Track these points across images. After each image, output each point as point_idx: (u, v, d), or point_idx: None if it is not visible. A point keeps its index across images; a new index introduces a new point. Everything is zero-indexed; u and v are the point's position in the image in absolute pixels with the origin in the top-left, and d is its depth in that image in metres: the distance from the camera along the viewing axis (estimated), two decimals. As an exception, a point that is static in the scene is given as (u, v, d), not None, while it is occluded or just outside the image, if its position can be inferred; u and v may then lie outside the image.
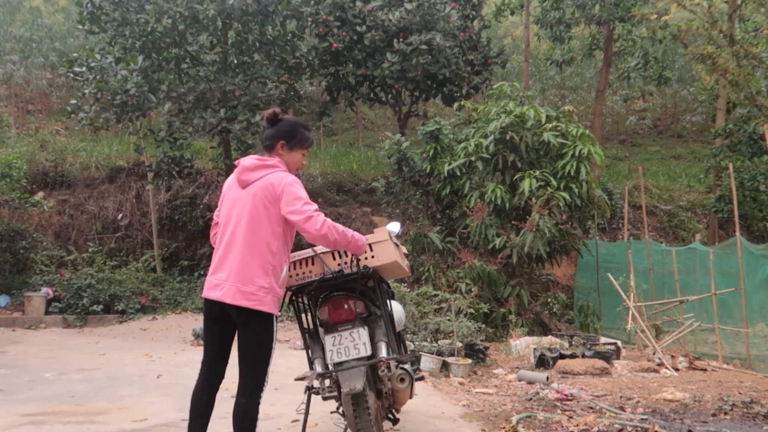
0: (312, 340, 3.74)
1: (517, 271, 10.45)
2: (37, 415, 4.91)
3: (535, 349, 7.83)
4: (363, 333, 3.52)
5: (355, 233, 3.38)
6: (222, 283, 3.22)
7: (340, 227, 3.27)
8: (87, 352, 8.44)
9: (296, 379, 4.62)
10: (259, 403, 3.23)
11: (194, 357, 8.19)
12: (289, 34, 12.62)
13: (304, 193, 3.25)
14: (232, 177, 3.42)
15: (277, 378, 6.29)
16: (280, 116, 3.45)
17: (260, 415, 4.76)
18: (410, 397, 4.19)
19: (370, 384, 3.53)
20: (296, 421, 4.58)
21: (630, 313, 8.70)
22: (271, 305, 3.22)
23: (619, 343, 8.73)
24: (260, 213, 3.23)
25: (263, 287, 3.19)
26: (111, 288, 11.27)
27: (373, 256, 3.60)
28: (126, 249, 13.47)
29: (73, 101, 11.75)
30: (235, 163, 3.45)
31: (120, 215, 13.75)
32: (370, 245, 3.62)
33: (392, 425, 4.17)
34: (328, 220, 3.22)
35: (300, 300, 3.75)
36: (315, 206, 3.23)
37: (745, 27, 14.25)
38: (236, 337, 3.32)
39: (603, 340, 9.02)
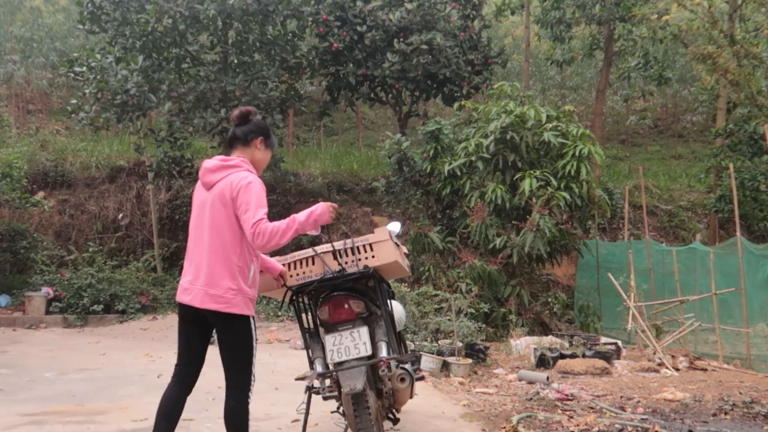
0: (312, 340, 3.74)
1: (517, 271, 10.44)
2: (38, 414, 4.91)
3: (535, 349, 7.83)
4: (363, 333, 3.52)
5: (296, 216, 3.24)
6: (190, 287, 3.21)
7: (283, 225, 3.14)
8: (87, 352, 8.44)
9: (296, 379, 4.62)
10: (248, 403, 3.21)
11: (194, 357, 8.19)
12: (290, 34, 12.62)
13: (259, 198, 3.17)
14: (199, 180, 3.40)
15: (277, 378, 6.29)
16: (253, 114, 3.43)
17: (261, 415, 4.76)
18: (410, 397, 4.19)
19: (370, 384, 3.53)
20: (296, 420, 4.59)
21: (630, 313, 8.70)
22: (242, 306, 3.17)
23: (620, 343, 8.72)
24: (221, 214, 3.18)
25: (231, 289, 3.15)
26: (111, 288, 11.27)
27: (373, 256, 3.61)
28: (126, 249, 13.47)
29: (74, 101, 11.76)
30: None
31: (120, 215, 13.75)
32: (370, 245, 3.62)
33: (392, 425, 4.17)
34: (271, 224, 3.12)
35: (300, 300, 3.75)
36: (263, 217, 3.13)
37: (745, 27, 14.25)
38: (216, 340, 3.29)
39: (603, 340, 9.02)
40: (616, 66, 18.18)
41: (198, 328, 3.30)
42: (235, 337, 3.22)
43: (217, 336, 3.26)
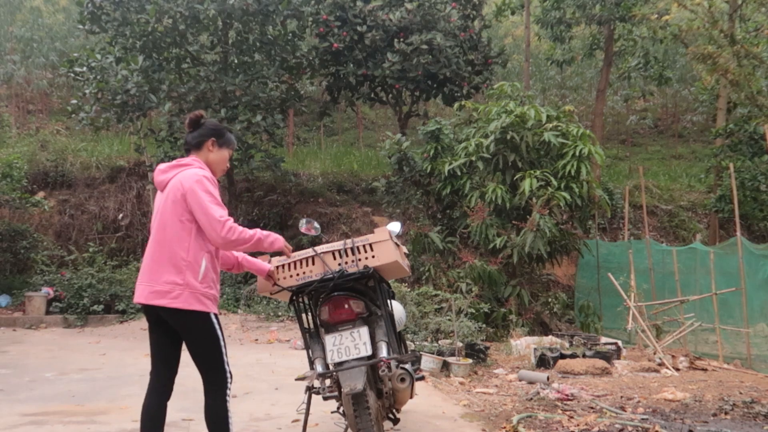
0: (312, 340, 3.74)
1: (517, 271, 10.44)
2: (38, 414, 4.91)
3: (535, 349, 7.83)
4: (363, 333, 3.52)
5: (262, 233, 3.26)
6: (138, 285, 3.21)
7: (248, 233, 3.17)
8: (87, 352, 8.44)
9: (297, 379, 4.62)
10: (226, 401, 3.20)
11: (195, 357, 8.19)
12: (290, 34, 12.62)
13: (213, 194, 3.15)
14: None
15: (277, 378, 6.29)
16: (204, 118, 3.43)
17: (261, 415, 4.76)
18: (411, 397, 4.19)
19: (370, 384, 3.53)
20: (297, 421, 4.59)
21: (630, 312, 8.70)
22: (191, 302, 3.10)
23: (620, 343, 8.72)
24: (169, 210, 3.16)
25: (175, 284, 3.09)
26: (112, 288, 11.27)
27: (373, 256, 3.60)
28: (126, 249, 13.47)
29: (74, 101, 11.76)
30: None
31: (121, 215, 13.75)
32: (370, 245, 3.62)
33: (393, 425, 4.17)
34: (239, 227, 3.15)
35: (300, 300, 3.75)
36: (225, 211, 3.14)
37: (745, 27, 14.26)
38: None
39: (603, 340, 9.02)
40: (616, 66, 18.18)
41: (162, 329, 3.24)
42: (195, 336, 3.18)
43: (182, 337, 3.23)
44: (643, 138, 23.99)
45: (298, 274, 3.65)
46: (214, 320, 3.19)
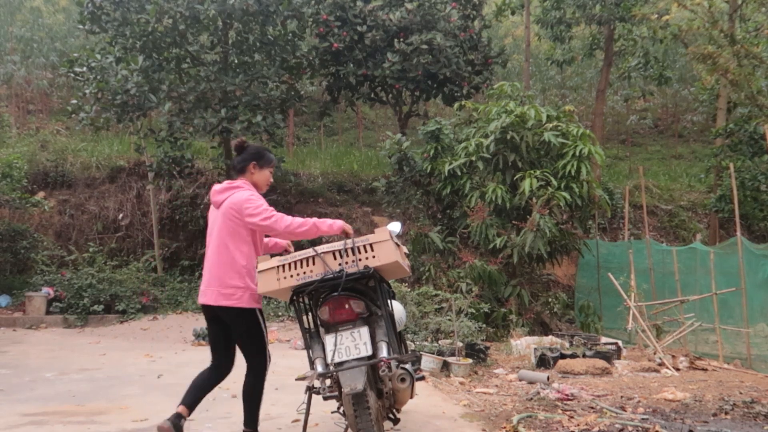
0: (313, 340, 3.74)
1: (517, 271, 10.44)
2: (38, 414, 4.91)
3: (535, 348, 7.83)
4: (364, 333, 3.52)
5: (316, 220, 3.80)
6: (206, 290, 3.83)
7: (299, 219, 3.74)
8: (88, 352, 8.44)
9: (297, 379, 4.62)
10: (264, 380, 3.87)
11: (195, 357, 8.19)
12: (290, 34, 12.62)
13: (261, 202, 3.79)
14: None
15: (277, 378, 6.29)
16: (246, 144, 4.05)
17: (261, 415, 4.77)
18: (411, 397, 4.18)
19: (370, 384, 3.53)
20: (297, 420, 4.59)
21: (631, 312, 8.69)
22: (249, 301, 3.77)
23: (620, 342, 8.72)
24: (227, 226, 3.81)
25: (239, 287, 3.75)
26: (112, 288, 11.27)
27: (374, 256, 3.60)
28: (127, 249, 13.47)
29: (74, 101, 11.76)
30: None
31: (121, 215, 13.75)
32: (371, 245, 3.62)
33: (393, 425, 4.17)
34: (286, 216, 3.75)
35: (301, 300, 3.74)
36: (271, 209, 3.76)
37: (745, 27, 14.26)
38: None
39: (604, 339, 9.02)
40: (616, 66, 18.18)
41: (218, 325, 3.90)
42: (246, 328, 3.83)
43: (232, 329, 3.86)
44: (643, 138, 24.00)
45: (298, 274, 3.64)
46: (260, 315, 3.86)
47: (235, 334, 3.87)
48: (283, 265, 3.68)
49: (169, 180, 13.03)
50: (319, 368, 3.60)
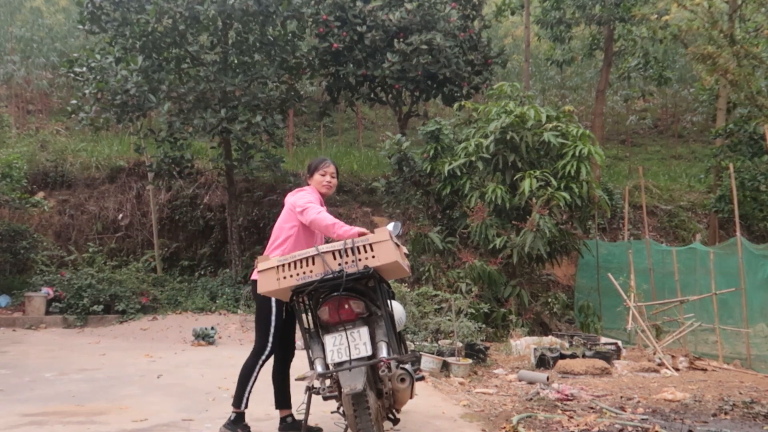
0: (312, 340, 3.73)
1: (517, 271, 10.44)
2: (38, 415, 4.91)
3: (535, 349, 7.83)
4: (363, 333, 3.52)
5: (343, 228, 3.88)
6: None
7: (328, 221, 3.95)
8: (87, 352, 8.44)
9: (297, 379, 4.62)
10: (257, 363, 4.18)
11: (194, 357, 8.19)
12: (290, 35, 12.61)
13: (307, 198, 4.24)
14: None
15: (277, 378, 6.28)
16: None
17: (261, 415, 4.77)
18: (411, 397, 4.18)
19: (370, 384, 3.53)
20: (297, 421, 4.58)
21: (630, 313, 8.70)
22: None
23: (620, 343, 8.72)
24: (281, 218, 4.40)
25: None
26: (111, 288, 11.26)
27: (373, 256, 3.60)
28: (126, 249, 13.47)
29: (74, 101, 11.75)
30: None
31: (120, 215, 13.75)
32: (370, 245, 3.62)
33: (392, 425, 4.17)
34: (320, 215, 4.00)
35: (300, 300, 3.74)
36: (311, 205, 4.10)
37: (745, 27, 14.26)
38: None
39: (603, 340, 9.02)
40: (616, 66, 18.19)
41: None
42: (259, 305, 4.22)
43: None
44: (643, 138, 24.00)
45: (298, 274, 3.64)
46: (272, 301, 4.14)
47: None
48: (283, 265, 3.68)
49: (168, 180, 13.04)
50: (319, 368, 3.60)
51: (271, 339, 4.16)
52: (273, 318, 4.16)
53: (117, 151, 15.40)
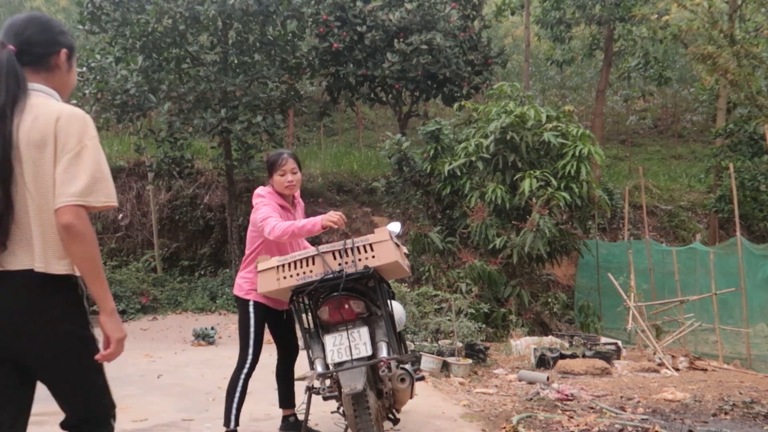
0: (312, 340, 3.73)
1: (517, 271, 10.44)
2: (38, 415, 4.87)
3: (535, 349, 7.82)
4: (363, 333, 3.51)
5: (305, 227, 3.72)
6: None
7: (288, 229, 3.72)
8: (87, 352, 8.42)
9: (296, 379, 4.62)
10: (239, 377, 4.04)
11: (194, 357, 8.19)
12: (290, 35, 12.62)
13: (262, 213, 3.89)
14: None
15: (277, 378, 6.28)
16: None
17: (261, 415, 4.77)
18: (411, 397, 4.18)
19: (370, 384, 3.52)
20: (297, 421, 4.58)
21: (630, 313, 8.70)
22: (238, 290, 4.17)
23: (620, 343, 8.71)
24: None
25: (241, 277, 4.21)
26: (111, 288, 11.19)
27: (373, 256, 3.59)
28: (126, 249, 13.47)
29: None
30: None
31: (120, 215, 13.75)
32: (370, 245, 3.62)
33: (393, 425, 4.17)
34: (277, 229, 3.74)
35: (300, 300, 3.74)
36: (267, 222, 3.81)
37: (745, 27, 14.26)
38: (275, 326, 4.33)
39: (603, 340, 9.01)
40: (616, 66, 18.19)
41: (270, 318, 4.23)
42: (238, 319, 4.17)
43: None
44: (643, 138, 24.01)
45: (298, 274, 3.64)
46: (250, 307, 4.07)
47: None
48: (283, 265, 3.68)
49: (168, 180, 13.03)
50: (319, 368, 3.60)
51: (251, 351, 4.03)
52: (252, 330, 4.03)
53: (117, 151, 15.40)
